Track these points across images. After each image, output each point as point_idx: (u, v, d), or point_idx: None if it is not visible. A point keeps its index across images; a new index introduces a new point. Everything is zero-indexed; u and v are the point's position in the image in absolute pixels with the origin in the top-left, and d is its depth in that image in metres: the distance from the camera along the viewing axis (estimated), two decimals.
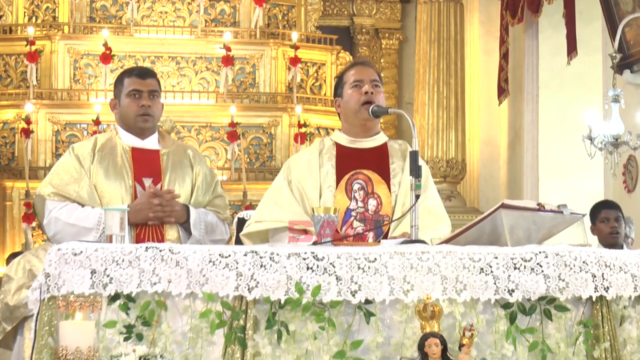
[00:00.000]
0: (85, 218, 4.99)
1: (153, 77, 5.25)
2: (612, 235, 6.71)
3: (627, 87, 8.98)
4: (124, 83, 5.19)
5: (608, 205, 6.91)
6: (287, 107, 10.96)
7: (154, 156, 5.19)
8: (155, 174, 5.14)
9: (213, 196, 5.28)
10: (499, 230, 4.24)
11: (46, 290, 3.88)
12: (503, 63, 11.45)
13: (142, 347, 3.82)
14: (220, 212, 5.27)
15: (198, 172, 5.25)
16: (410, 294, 3.88)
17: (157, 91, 5.20)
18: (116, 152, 5.15)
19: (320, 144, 5.04)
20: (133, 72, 5.24)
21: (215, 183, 5.32)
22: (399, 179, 4.90)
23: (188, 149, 5.39)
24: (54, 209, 5.03)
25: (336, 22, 13.05)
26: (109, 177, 5.08)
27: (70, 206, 5.03)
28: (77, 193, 5.04)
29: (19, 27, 11.19)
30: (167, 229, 5.07)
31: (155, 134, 5.26)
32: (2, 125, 10.82)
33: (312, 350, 3.86)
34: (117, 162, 5.12)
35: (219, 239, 5.21)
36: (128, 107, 5.16)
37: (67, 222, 4.99)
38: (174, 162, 5.21)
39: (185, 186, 5.19)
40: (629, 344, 4.04)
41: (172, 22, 11.42)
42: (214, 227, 5.20)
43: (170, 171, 5.18)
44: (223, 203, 5.31)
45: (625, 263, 4.05)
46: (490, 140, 12.37)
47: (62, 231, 4.99)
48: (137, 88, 5.15)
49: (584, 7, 10.26)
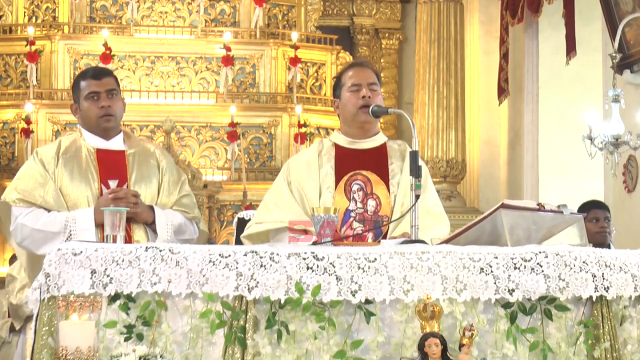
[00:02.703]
0: (52, 223, 4.95)
1: (109, 76, 5.17)
2: (601, 235, 6.72)
3: (627, 87, 8.97)
4: (80, 86, 5.12)
5: (598, 205, 6.92)
6: (287, 107, 10.96)
7: (120, 157, 5.15)
8: (121, 175, 5.09)
9: (180, 195, 5.22)
10: (499, 230, 4.24)
11: (46, 290, 3.88)
12: (503, 63, 11.45)
13: (142, 347, 3.82)
14: (188, 212, 5.21)
15: (164, 172, 5.21)
16: (410, 293, 3.89)
17: (115, 89, 5.13)
18: (81, 154, 5.10)
19: (320, 145, 5.05)
20: (88, 74, 5.17)
21: (182, 182, 5.26)
22: (398, 180, 4.91)
23: (155, 148, 5.34)
24: (19, 215, 4.98)
25: (336, 22, 13.05)
26: (74, 180, 5.04)
27: (36, 212, 4.98)
28: (42, 198, 4.99)
29: (19, 27, 11.19)
30: (135, 229, 5.03)
31: (120, 134, 5.20)
32: (2, 125, 10.82)
33: (312, 350, 3.86)
34: (82, 165, 5.07)
35: (187, 238, 5.16)
36: (88, 110, 5.10)
37: (34, 227, 4.94)
38: (139, 162, 5.17)
39: (151, 186, 5.15)
40: (629, 343, 4.04)
41: (172, 22, 11.42)
42: (182, 228, 5.16)
43: (136, 172, 5.13)
44: (190, 202, 5.26)
45: (625, 263, 4.05)
46: (490, 140, 12.37)
47: (29, 237, 4.95)
48: (94, 90, 5.08)
49: (584, 7, 10.26)
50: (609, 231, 6.80)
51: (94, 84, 5.10)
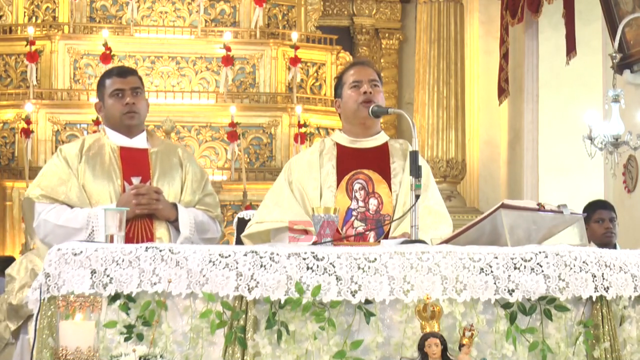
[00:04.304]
0: (74, 219, 4.98)
1: (134, 75, 5.23)
2: (605, 236, 6.69)
3: (627, 87, 8.98)
4: (105, 84, 5.17)
5: (602, 206, 6.89)
6: (287, 107, 10.96)
7: (143, 155, 5.18)
8: (143, 173, 5.12)
9: (203, 194, 5.26)
10: (499, 230, 4.24)
11: (46, 290, 3.88)
12: (503, 63, 11.46)
13: (142, 347, 3.82)
14: (211, 211, 5.25)
15: (187, 171, 5.24)
16: (410, 294, 3.88)
17: (139, 88, 5.18)
18: (104, 151, 5.14)
19: (321, 145, 5.05)
20: (113, 72, 5.23)
21: (205, 181, 5.30)
22: (400, 179, 4.90)
23: (178, 147, 5.39)
24: (42, 212, 5.02)
25: (336, 22, 13.06)
26: (97, 177, 5.07)
27: (59, 208, 5.02)
28: (65, 195, 5.03)
29: (19, 27, 11.19)
30: (157, 226, 5.06)
31: (143, 133, 5.25)
32: (2, 125, 10.82)
33: (312, 350, 3.86)
34: (105, 162, 5.11)
35: (210, 237, 5.20)
36: (112, 108, 5.15)
37: (56, 223, 4.98)
38: (162, 161, 5.20)
39: (174, 185, 5.18)
40: (628, 344, 4.04)
41: (172, 22, 11.42)
42: (205, 226, 5.19)
43: (159, 170, 5.17)
44: (213, 201, 5.30)
45: (625, 263, 4.05)
46: (490, 140, 12.37)
47: (51, 233, 4.98)
48: (119, 87, 5.13)
49: (584, 7, 10.27)
50: (614, 232, 6.76)
51: (119, 81, 5.14)
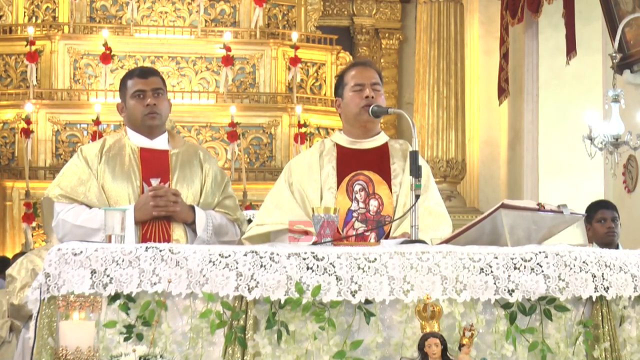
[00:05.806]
0: (92, 219, 4.98)
1: (156, 75, 5.22)
2: (608, 235, 6.69)
3: (627, 87, 8.98)
4: (127, 85, 5.17)
5: (605, 206, 6.88)
6: (287, 107, 10.97)
7: (163, 156, 5.17)
8: (163, 174, 5.11)
9: (223, 197, 5.22)
10: (499, 230, 4.24)
11: (46, 290, 3.88)
12: (503, 63, 11.46)
13: (142, 347, 3.82)
14: (230, 214, 5.21)
15: (207, 173, 5.22)
16: (410, 294, 3.88)
17: (161, 89, 5.18)
18: (124, 152, 5.14)
19: (321, 146, 5.04)
20: (135, 73, 5.22)
21: (225, 184, 5.27)
22: (400, 179, 4.90)
23: (198, 149, 5.36)
24: (61, 211, 5.02)
25: (336, 22, 13.06)
26: (116, 178, 5.07)
27: (78, 208, 5.02)
28: (84, 195, 5.03)
29: (19, 27, 11.20)
30: (174, 227, 5.05)
31: (164, 134, 5.24)
32: (2, 125, 10.82)
33: (312, 350, 3.86)
34: (125, 163, 5.11)
35: (229, 240, 5.16)
36: (134, 109, 5.14)
37: (75, 223, 4.99)
38: (182, 163, 5.19)
39: (193, 187, 5.16)
40: (628, 344, 4.04)
41: (172, 22, 11.42)
42: (224, 229, 5.16)
43: (178, 171, 5.15)
44: (233, 204, 5.27)
45: (625, 263, 4.05)
46: (490, 140, 12.38)
47: (70, 233, 4.98)
48: (141, 88, 5.12)
49: (584, 7, 10.27)
50: (617, 231, 6.75)
51: (141, 82, 5.14)
